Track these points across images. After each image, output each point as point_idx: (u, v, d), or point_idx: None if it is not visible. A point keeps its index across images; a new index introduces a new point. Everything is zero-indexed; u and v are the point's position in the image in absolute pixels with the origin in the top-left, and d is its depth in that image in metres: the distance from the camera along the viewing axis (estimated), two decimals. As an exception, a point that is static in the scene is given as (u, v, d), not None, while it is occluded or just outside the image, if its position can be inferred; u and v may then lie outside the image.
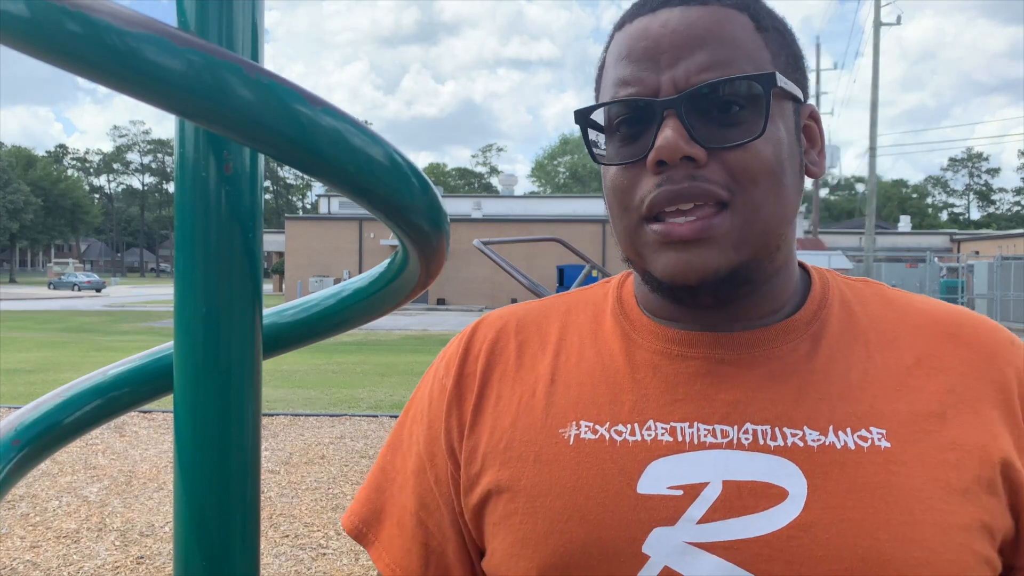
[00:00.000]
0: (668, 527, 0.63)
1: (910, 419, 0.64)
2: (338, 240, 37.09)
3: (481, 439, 0.72)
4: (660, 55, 0.65)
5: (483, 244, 5.20)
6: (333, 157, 0.78)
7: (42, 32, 0.67)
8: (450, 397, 0.75)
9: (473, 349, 0.77)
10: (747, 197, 0.64)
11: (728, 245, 0.64)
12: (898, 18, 25.99)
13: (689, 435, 0.65)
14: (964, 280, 25.36)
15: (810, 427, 0.64)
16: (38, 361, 12.73)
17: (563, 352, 0.74)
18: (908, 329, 0.70)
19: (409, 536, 0.76)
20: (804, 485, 0.62)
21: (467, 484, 0.72)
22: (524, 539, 0.66)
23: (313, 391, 9.86)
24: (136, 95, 0.73)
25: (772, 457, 0.63)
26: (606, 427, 0.68)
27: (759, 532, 0.61)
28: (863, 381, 0.66)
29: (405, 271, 1.04)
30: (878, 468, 0.62)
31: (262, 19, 0.93)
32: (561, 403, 0.70)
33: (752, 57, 0.65)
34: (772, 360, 0.68)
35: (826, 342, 0.69)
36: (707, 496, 0.63)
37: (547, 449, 0.68)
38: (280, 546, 4.43)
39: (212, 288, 0.90)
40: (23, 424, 0.99)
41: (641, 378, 0.69)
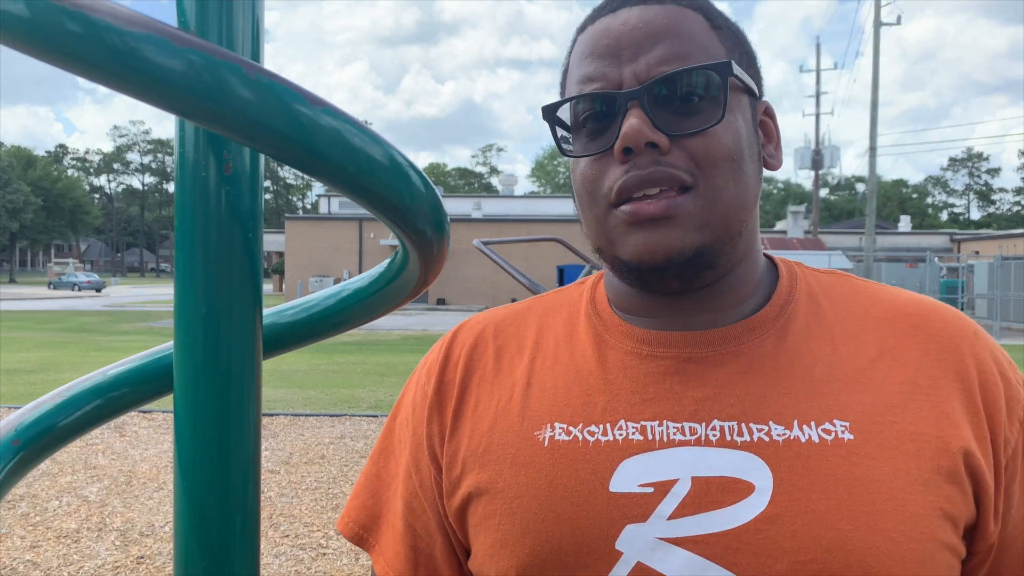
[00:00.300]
0: (640, 524, 0.65)
1: (872, 411, 0.66)
2: (338, 240, 37.09)
3: (461, 444, 0.74)
4: (621, 51, 0.68)
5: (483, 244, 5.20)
6: (333, 157, 0.78)
7: (42, 32, 0.67)
8: (431, 404, 0.77)
9: (453, 356, 0.79)
10: (709, 181, 0.66)
11: (692, 226, 0.66)
12: (898, 18, 26.00)
13: (659, 433, 0.67)
14: (964, 280, 25.36)
15: (775, 422, 0.66)
16: (38, 361, 12.73)
17: (539, 356, 0.76)
18: (873, 322, 0.72)
19: (399, 538, 0.78)
20: (770, 479, 0.64)
21: (449, 488, 0.74)
22: (503, 539, 0.69)
23: (313, 391, 9.86)
24: (136, 95, 0.73)
25: (739, 452, 0.65)
26: (579, 428, 0.70)
27: (727, 526, 0.63)
28: (827, 375, 0.68)
29: (405, 271, 1.04)
30: (841, 460, 0.64)
31: (262, 19, 0.93)
32: (536, 406, 0.72)
33: (708, 50, 0.68)
34: (739, 357, 0.70)
35: (791, 337, 0.71)
36: (677, 492, 0.65)
37: (523, 451, 0.70)
38: (280, 546, 4.43)
39: (212, 288, 0.90)
40: (23, 424, 0.99)
41: (613, 379, 0.71)
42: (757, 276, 0.75)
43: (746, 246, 0.73)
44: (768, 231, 46.01)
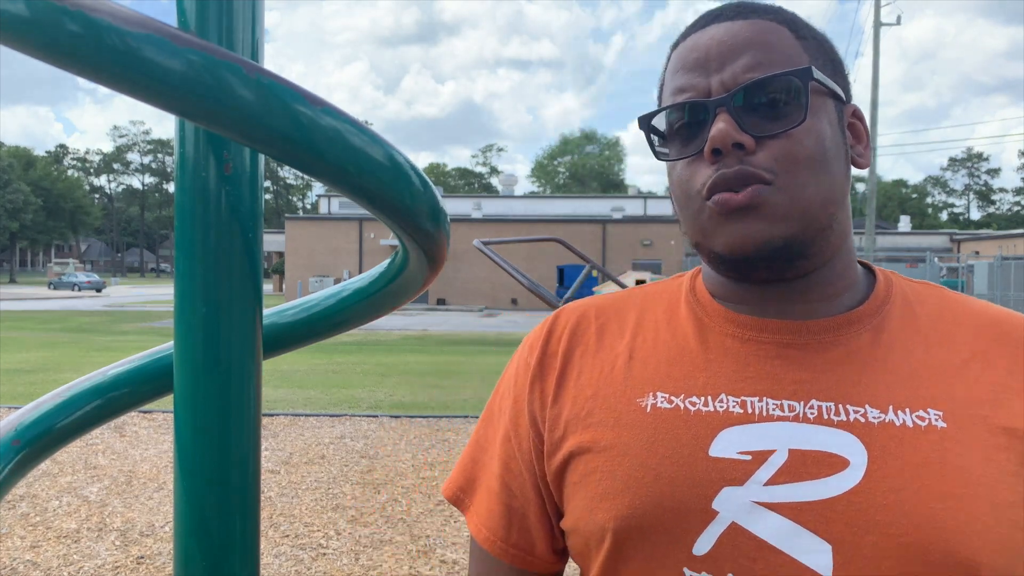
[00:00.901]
0: (737, 487, 0.69)
1: (965, 404, 0.70)
2: (338, 240, 37.09)
3: (564, 409, 0.79)
4: (709, 63, 0.74)
5: (483, 244, 5.20)
6: (333, 157, 0.78)
7: (42, 32, 0.67)
8: (533, 374, 0.83)
9: (556, 332, 0.85)
10: (790, 178, 0.71)
11: (777, 217, 0.71)
12: (898, 18, 26.00)
13: (758, 408, 0.72)
14: (964, 280, 25.35)
15: (871, 405, 0.70)
16: (38, 361, 12.73)
17: (640, 335, 0.81)
18: (964, 328, 0.76)
19: (495, 499, 0.83)
20: (865, 456, 0.67)
21: (550, 449, 0.79)
22: (603, 493, 0.73)
23: (313, 391, 9.86)
24: (136, 95, 0.73)
25: (835, 430, 0.69)
26: (681, 398, 0.74)
27: (821, 496, 0.67)
28: (921, 369, 0.72)
29: (405, 271, 1.04)
30: (934, 446, 0.67)
31: (262, 19, 0.93)
32: (639, 376, 0.77)
33: (791, 58, 0.73)
34: (836, 346, 0.74)
35: (887, 334, 0.75)
36: (773, 462, 0.69)
37: (625, 415, 0.75)
38: (280, 546, 4.43)
39: (212, 288, 0.90)
40: (23, 424, 0.99)
41: (714, 358, 0.76)
42: (852, 275, 0.79)
43: (838, 241, 0.77)
44: (768, 231, 45.81)
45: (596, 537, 0.74)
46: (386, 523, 4.79)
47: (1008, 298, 22.21)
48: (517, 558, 0.82)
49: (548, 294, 4.86)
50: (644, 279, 21.32)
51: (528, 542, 0.82)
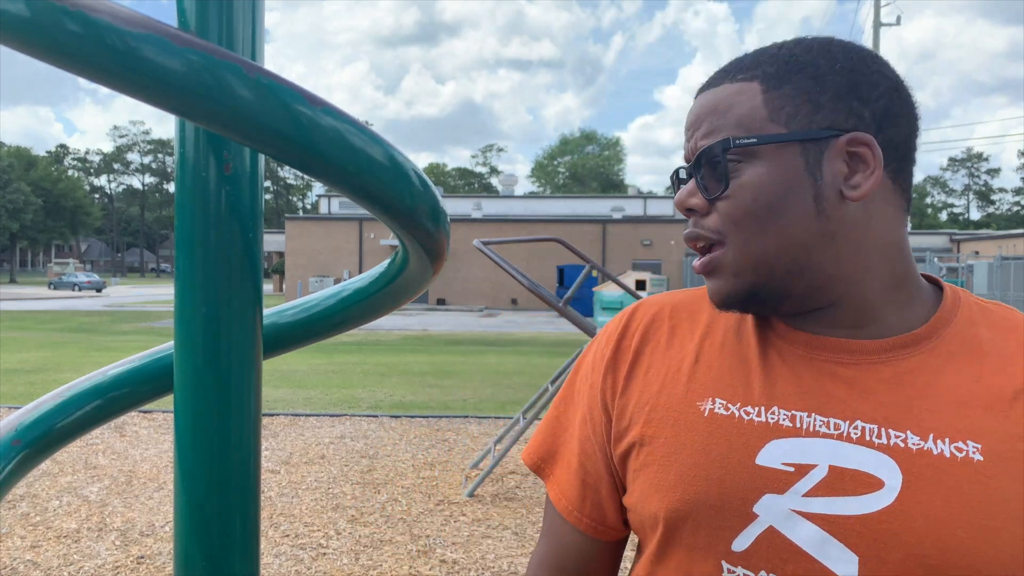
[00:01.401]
0: (778, 495, 0.74)
1: (1006, 438, 0.72)
2: (338, 240, 37.08)
3: (631, 400, 0.86)
4: (688, 130, 0.84)
5: (483, 244, 5.20)
6: (333, 157, 0.78)
7: (42, 32, 0.67)
8: (608, 364, 0.90)
9: (631, 327, 0.91)
10: (735, 236, 0.79)
11: (730, 273, 0.80)
12: (898, 18, 26.00)
13: (807, 423, 0.77)
14: (964, 280, 25.35)
15: (913, 432, 0.73)
16: (38, 361, 12.73)
17: (709, 338, 0.87)
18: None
19: (573, 473, 0.92)
20: (900, 480, 0.72)
21: (617, 435, 0.87)
22: (657, 486, 0.81)
23: (313, 391, 9.86)
24: (136, 95, 0.73)
25: (875, 452, 0.73)
26: (737, 406, 0.80)
27: (855, 511, 0.72)
28: (968, 398, 0.74)
29: (405, 271, 1.04)
30: (969, 477, 0.71)
31: (262, 19, 0.93)
32: (702, 380, 0.83)
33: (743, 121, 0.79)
34: (887, 368, 0.77)
35: (939, 359, 0.77)
36: (814, 475, 0.74)
37: (685, 416, 0.82)
38: (280, 546, 4.43)
39: (212, 288, 0.90)
40: (23, 424, 0.99)
41: (772, 370, 0.81)
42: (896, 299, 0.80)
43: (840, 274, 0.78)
44: (768, 231, 45.77)
45: (650, 522, 0.82)
46: (386, 523, 4.79)
47: (1008, 298, 22.19)
48: (590, 527, 0.91)
49: (548, 294, 4.86)
50: (644, 279, 21.30)
51: (600, 513, 0.90)
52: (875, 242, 0.79)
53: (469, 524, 4.76)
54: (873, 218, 0.78)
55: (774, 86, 0.79)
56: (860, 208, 0.78)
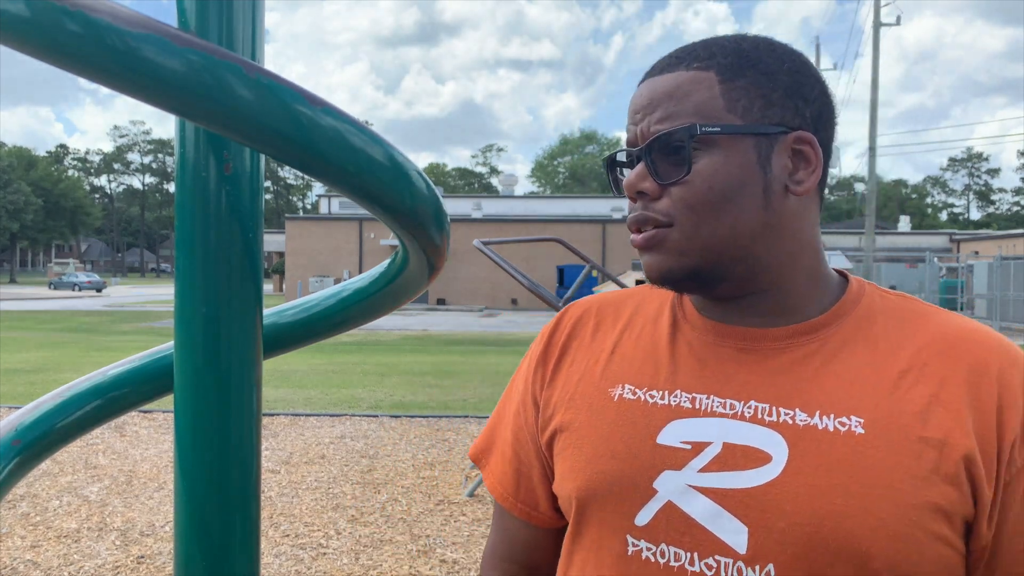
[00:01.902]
0: (676, 471, 0.80)
1: (888, 414, 0.77)
2: (338, 240, 37.08)
3: (555, 391, 0.93)
4: (637, 114, 0.84)
5: (483, 244, 5.20)
6: (333, 157, 0.78)
7: (42, 32, 0.67)
8: (538, 359, 0.98)
9: (561, 324, 0.99)
10: (685, 220, 0.81)
11: (673, 253, 0.82)
12: (898, 18, 25.98)
13: (705, 404, 0.82)
14: (964, 280, 25.34)
15: (801, 409, 0.79)
16: (38, 361, 12.73)
17: (627, 331, 0.93)
18: (913, 342, 0.82)
19: (507, 462, 0.99)
20: (786, 454, 0.77)
21: (543, 424, 0.93)
22: (572, 467, 0.87)
23: (313, 391, 9.85)
24: (136, 95, 0.73)
25: (765, 429, 0.79)
26: (644, 391, 0.86)
27: (744, 485, 0.77)
28: (856, 380, 0.80)
29: (405, 271, 1.04)
30: (849, 449, 0.76)
31: (262, 19, 0.93)
32: (615, 370, 0.90)
33: (702, 109, 0.81)
34: (785, 353, 0.83)
35: (834, 344, 0.83)
36: (709, 452, 0.80)
37: (597, 402, 0.88)
38: (280, 545, 4.44)
39: (212, 288, 0.90)
40: (23, 424, 0.99)
41: (678, 357, 0.87)
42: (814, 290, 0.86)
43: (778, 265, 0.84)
44: (768, 231, 45.72)
45: (567, 502, 0.88)
46: (386, 523, 4.79)
47: (1008, 298, 22.18)
48: (524, 512, 0.97)
49: (548, 294, 4.86)
50: (643, 279, 21.31)
51: (533, 499, 0.96)
52: (805, 236, 0.84)
53: (469, 524, 4.76)
54: (806, 213, 0.84)
55: (729, 78, 0.82)
56: (799, 203, 0.83)
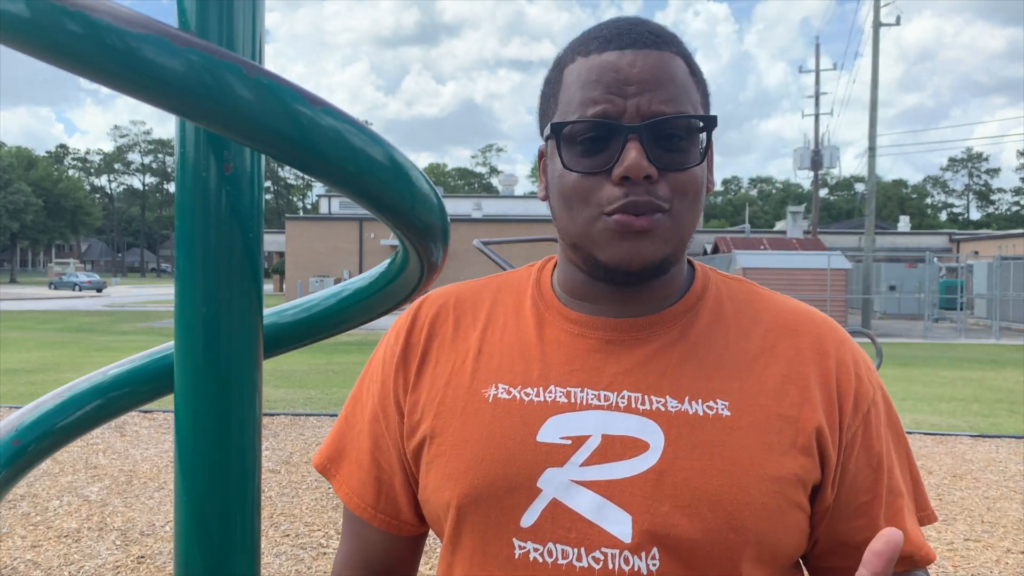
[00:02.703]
0: (558, 468, 0.80)
1: (749, 395, 0.82)
2: (338, 240, 37.08)
3: (421, 395, 0.89)
4: (628, 86, 0.80)
5: (483, 244, 5.21)
6: (333, 157, 0.78)
7: (42, 32, 0.67)
8: (398, 361, 0.93)
9: (418, 322, 0.94)
10: (679, 207, 0.81)
11: (663, 240, 0.81)
12: (897, 18, 25.97)
13: (580, 398, 0.83)
14: (963, 280, 25.34)
15: (671, 397, 0.82)
16: (38, 361, 12.73)
17: (490, 327, 0.91)
18: (761, 324, 0.88)
19: (365, 471, 0.93)
20: (662, 440, 0.80)
21: (409, 430, 0.89)
22: (449, 475, 0.84)
23: (313, 391, 9.86)
24: (136, 95, 0.73)
25: (640, 418, 0.81)
26: (518, 389, 0.85)
27: (625, 474, 0.79)
28: (718, 363, 0.84)
29: (405, 271, 1.04)
30: (718, 431, 0.80)
31: (262, 19, 0.93)
32: (485, 369, 0.88)
33: (691, 98, 0.82)
34: (650, 342, 0.85)
35: (694, 330, 0.86)
36: (589, 445, 0.80)
37: (471, 405, 0.86)
38: (280, 545, 4.44)
39: (212, 288, 0.90)
40: (23, 424, 0.99)
41: (549, 351, 0.87)
42: (681, 278, 0.90)
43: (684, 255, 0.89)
44: (767, 231, 45.92)
45: (443, 511, 0.85)
46: (386, 523, 4.79)
47: (1007, 298, 22.18)
48: (385, 522, 0.93)
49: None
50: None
51: (395, 508, 0.92)
52: None
53: (469, 524, 4.76)
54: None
55: (691, 69, 0.84)
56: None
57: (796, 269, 21.66)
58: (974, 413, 8.97)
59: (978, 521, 5.04)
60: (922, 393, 10.34)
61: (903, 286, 28.13)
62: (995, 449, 7.07)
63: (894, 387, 10.50)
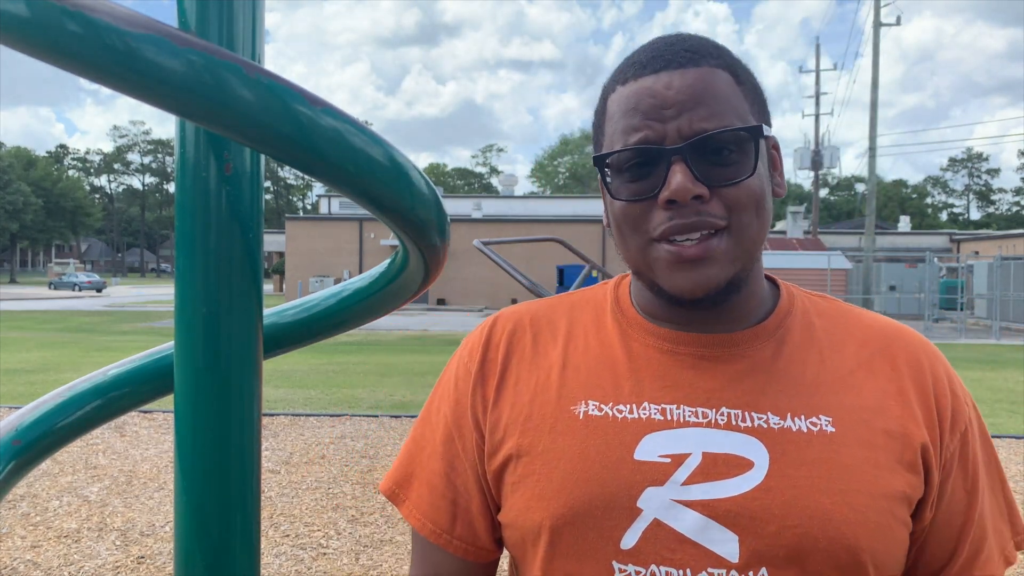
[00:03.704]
0: (658, 487, 0.77)
1: (851, 410, 0.80)
2: (338, 240, 37.07)
3: (503, 413, 0.85)
4: (666, 109, 0.78)
5: (483, 244, 5.21)
6: (333, 157, 0.78)
7: (42, 32, 0.67)
8: (475, 379, 0.89)
9: (494, 339, 0.91)
10: (739, 222, 0.78)
11: (726, 261, 0.78)
12: (897, 19, 25.97)
13: (677, 415, 0.80)
14: (964, 280, 25.34)
15: (773, 413, 0.80)
16: (38, 361, 12.73)
17: (572, 343, 0.88)
18: (854, 340, 0.86)
19: (439, 495, 0.89)
20: (767, 458, 0.78)
21: (491, 450, 0.85)
22: (540, 494, 0.80)
23: (313, 391, 9.85)
24: (136, 95, 0.73)
25: (742, 435, 0.79)
26: (610, 406, 0.82)
27: (730, 493, 0.76)
28: (816, 379, 0.82)
29: (405, 271, 1.04)
30: (824, 448, 0.78)
31: (262, 19, 0.93)
32: (572, 385, 0.84)
33: (737, 109, 0.80)
34: (744, 358, 0.83)
35: (788, 346, 0.84)
36: (690, 464, 0.78)
37: (560, 422, 0.82)
38: (280, 545, 4.44)
39: (212, 288, 0.90)
40: (23, 424, 0.99)
41: (638, 367, 0.84)
42: (762, 292, 0.88)
43: (759, 269, 0.86)
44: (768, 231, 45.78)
45: (533, 533, 0.81)
46: (386, 523, 4.79)
47: (1008, 298, 22.18)
48: (460, 548, 0.89)
49: (548, 294, 4.86)
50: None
51: (472, 534, 0.88)
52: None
53: (469, 524, 4.76)
54: None
55: (737, 79, 0.82)
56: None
57: (796, 269, 21.66)
58: (974, 413, 8.95)
59: (978, 521, 5.03)
60: (922, 393, 10.33)
61: (903, 286, 28.13)
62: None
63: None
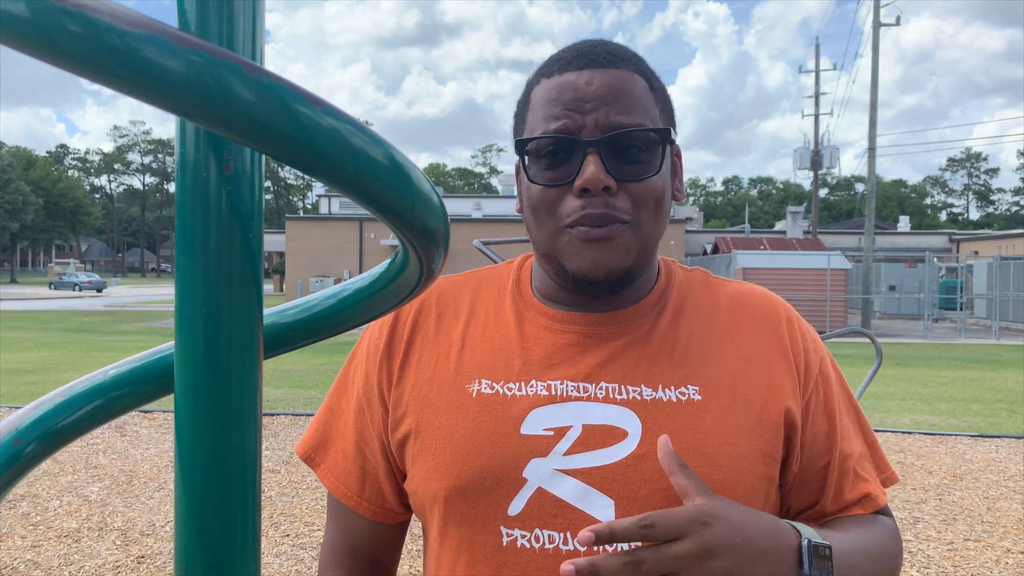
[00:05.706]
0: (542, 458, 0.84)
1: (716, 379, 0.88)
2: (338, 240, 37.08)
3: (405, 390, 0.92)
4: (585, 103, 0.84)
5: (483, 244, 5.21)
6: (333, 157, 0.78)
7: (42, 32, 0.67)
8: (382, 355, 0.95)
9: (401, 317, 0.97)
10: (641, 217, 0.85)
11: (626, 250, 0.85)
12: (897, 19, 25.97)
13: (560, 390, 0.87)
14: (963, 280, 25.34)
15: (646, 385, 0.87)
16: (38, 361, 12.73)
17: (472, 323, 0.95)
18: (719, 311, 0.94)
19: (351, 461, 0.97)
20: (639, 428, 0.84)
21: (393, 424, 0.93)
22: (435, 468, 0.87)
23: (313, 391, 9.86)
24: (136, 95, 0.73)
25: (618, 407, 0.86)
26: (501, 384, 0.89)
27: (606, 461, 0.83)
28: (686, 351, 0.90)
29: (405, 271, 1.04)
30: (691, 415, 0.85)
31: (263, 20, 0.93)
32: (468, 364, 0.91)
33: (649, 112, 0.86)
34: (624, 335, 0.90)
35: (663, 321, 0.92)
36: (570, 435, 0.85)
37: (455, 400, 0.89)
38: (281, 545, 4.44)
39: (212, 288, 0.90)
40: (23, 424, 0.99)
41: (528, 348, 0.91)
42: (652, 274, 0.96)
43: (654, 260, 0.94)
44: (767, 231, 45.93)
45: (430, 502, 0.89)
46: (386, 523, 4.79)
47: (1007, 298, 22.18)
48: (369, 510, 0.97)
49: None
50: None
51: (380, 497, 0.96)
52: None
53: (469, 524, 4.76)
54: None
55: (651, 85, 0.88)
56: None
57: (796, 269, 21.66)
58: (974, 413, 8.96)
59: (978, 521, 5.04)
60: (922, 393, 10.34)
61: (903, 286, 28.14)
62: (995, 449, 7.07)
63: (894, 387, 10.51)
